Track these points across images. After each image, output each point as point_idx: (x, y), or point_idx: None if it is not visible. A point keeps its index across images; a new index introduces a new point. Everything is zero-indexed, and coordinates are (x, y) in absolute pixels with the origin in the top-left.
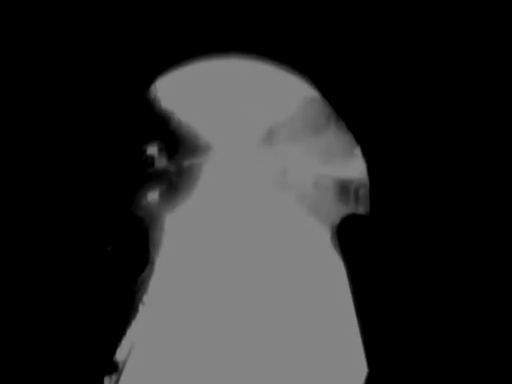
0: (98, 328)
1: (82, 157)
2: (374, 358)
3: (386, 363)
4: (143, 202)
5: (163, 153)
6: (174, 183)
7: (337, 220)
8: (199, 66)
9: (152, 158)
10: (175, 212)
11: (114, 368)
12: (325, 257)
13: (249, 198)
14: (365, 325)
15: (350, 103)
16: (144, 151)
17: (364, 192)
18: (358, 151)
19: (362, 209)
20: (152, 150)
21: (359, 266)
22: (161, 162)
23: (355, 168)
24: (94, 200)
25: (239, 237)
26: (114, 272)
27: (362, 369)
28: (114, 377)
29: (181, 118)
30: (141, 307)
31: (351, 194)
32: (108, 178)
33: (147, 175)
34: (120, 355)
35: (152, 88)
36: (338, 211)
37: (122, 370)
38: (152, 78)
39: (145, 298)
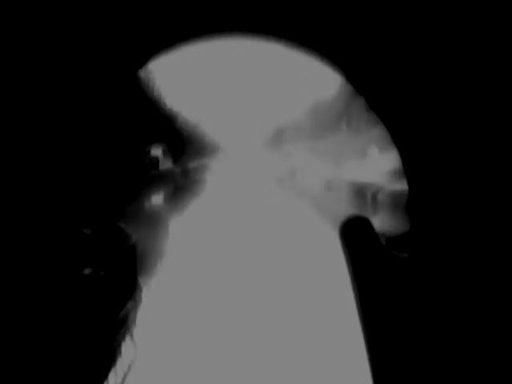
0: (85, 348)
1: (78, 160)
2: (376, 358)
3: (388, 364)
4: (147, 205)
5: (168, 154)
6: (180, 185)
7: (343, 220)
8: (203, 50)
9: (156, 160)
10: (180, 214)
11: None
12: (331, 258)
13: (255, 199)
14: (367, 325)
15: (385, 95)
16: (148, 152)
17: (383, 197)
18: (372, 151)
19: (380, 215)
20: (156, 151)
21: (365, 268)
22: (166, 164)
23: (370, 170)
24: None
25: (246, 238)
26: (99, 294)
27: (364, 370)
28: None
29: (186, 116)
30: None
31: (368, 198)
32: (107, 181)
33: (151, 177)
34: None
35: (156, 85)
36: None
37: None
38: (152, 72)
39: (136, 320)
